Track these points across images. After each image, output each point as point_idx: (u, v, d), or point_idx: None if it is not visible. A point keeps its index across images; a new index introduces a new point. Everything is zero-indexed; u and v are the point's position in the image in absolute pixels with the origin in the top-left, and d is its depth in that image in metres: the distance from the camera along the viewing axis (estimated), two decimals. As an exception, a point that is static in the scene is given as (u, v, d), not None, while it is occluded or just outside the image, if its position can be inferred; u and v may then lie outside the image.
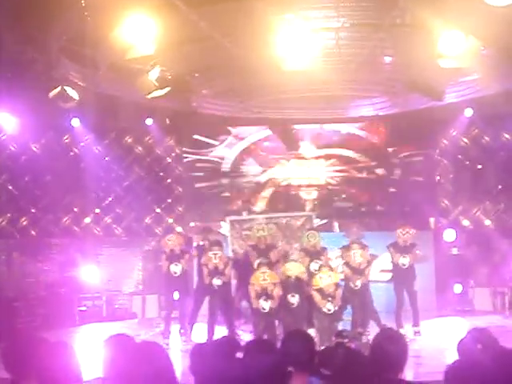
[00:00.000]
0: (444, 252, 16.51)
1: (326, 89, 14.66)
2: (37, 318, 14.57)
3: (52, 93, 12.19)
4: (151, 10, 9.68)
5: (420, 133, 17.05)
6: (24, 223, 17.12)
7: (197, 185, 17.83)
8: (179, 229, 16.92)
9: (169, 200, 18.09)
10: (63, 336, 12.52)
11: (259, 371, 3.90)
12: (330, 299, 11.70)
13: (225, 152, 17.91)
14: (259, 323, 11.85)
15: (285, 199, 17.60)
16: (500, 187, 16.86)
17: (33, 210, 17.17)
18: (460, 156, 17.43)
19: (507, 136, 16.90)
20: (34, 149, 17.11)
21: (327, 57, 12.46)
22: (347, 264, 12.60)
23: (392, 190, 17.53)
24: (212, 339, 11.97)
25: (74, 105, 12.65)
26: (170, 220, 17.90)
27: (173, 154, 18.16)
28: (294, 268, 12.55)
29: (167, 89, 12.12)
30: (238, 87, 14.85)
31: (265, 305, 11.71)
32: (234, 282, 13.68)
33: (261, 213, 16.98)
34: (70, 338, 12.84)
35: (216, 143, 17.88)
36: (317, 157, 17.80)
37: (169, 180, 18.18)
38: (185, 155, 17.88)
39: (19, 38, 11.07)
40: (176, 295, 13.20)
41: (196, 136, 17.86)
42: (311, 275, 12.42)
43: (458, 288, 15.99)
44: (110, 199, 17.73)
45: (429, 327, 13.29)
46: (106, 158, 17.64)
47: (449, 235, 16.52)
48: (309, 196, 17.71)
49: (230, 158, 17.93)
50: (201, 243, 13.83)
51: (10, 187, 17.01)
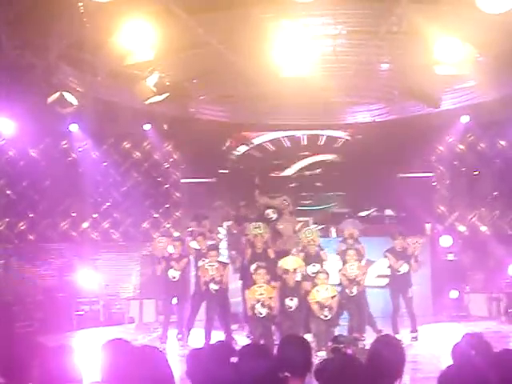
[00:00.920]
0: (440, 258, 16.56)
1: (323, 95, 14.73)
2: (34, 323, 14.59)
3: (51, 98, 12.23)
4: (149, 17, 9.76)
5: (416, 139, 17.09)
6: (22, 228, 17.15)
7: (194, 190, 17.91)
8: (176, 233, 16.94)
9: (166, 205, 18.15)
10: (60, 340, 12.54)
11: (254, 376, 3.93)
12: (327, 309, 11.78)
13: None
14: (256, 329, 11.89)
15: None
16: (496, 194, 16.94)
17: (31, 215, 17.19)
18: (456, 162, 17.50)
19: (503, 143, 16.97)
20: (33, 154, 17.14)
21: (324, 63, 12.55)
22: (344, 275, 12.64)
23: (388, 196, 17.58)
24: (209, 344, 12.01)
25: (73, 110, 12.68)
26: (168, 225, 17.96)
27: (170, 160, 18.22)
28: (291, 262, 12.62)
29: (165, 95, 12.18)
30: (236, 93, 14.93)
31: (261, 310, 11.75)
32: (240, 282, 13.76)
33: (257, 218, 16.99)
34: (68, 343, 12.85)
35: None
36: (312, 163, 17.89)
37: (166, 185, 18.22)
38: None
39: (18, 43, 11.12)
40: (174, 300, 13.24)
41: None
42: (308, 278, 12.53)
43: (454, 294, 16.02)
44: (108, 204, 17.77)
45: (425, 333, 13.33)
46: (104, 164, 17.67)
47: (445, 241, 16.57)
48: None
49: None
50: (197, 247, 13.72)
51: (9, 192, 17.04)
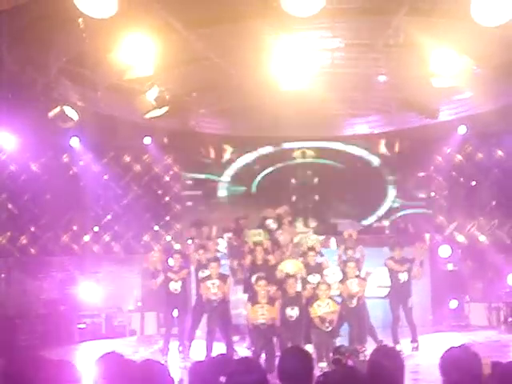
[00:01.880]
0: (439, 268, 16.62)
1: (322, 108, 14.83)
2: (36, 336, 14.62)
3: (51, 113, 12.33)
4: (149, 32, 9.85)
5: (414, 150, 17.20)
6: (23, 241, 17.17)
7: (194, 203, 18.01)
8: (177, 246, 17.01)
9: (167, 218, 18.23)
10: (62, 353, 12.60)
11: None
12: (328, 323, 11.83)
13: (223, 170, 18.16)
14: (257, 340, 11.92)
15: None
16: (494, 203, 16.99)
17: (32, 229, 17.22)
18: (454, 173, 17.58)
19: (500, 153, 17.04)
20: (34, 168, 17.19)
21: (323, 76, 12.64)
22: (344, 291, 12.67)
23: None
24: (210, 356, 12.04)
25: (73, 124, 12.77)
26: (168, 237, 18.03)
27: (171, 173, 18.32)
28: (291, 265, 12.68)
29: (165, 108, 12.27)
30: (235, 106, 15.02)
31: (263, 322, 11.78)
32: (241, 294, 13.81)
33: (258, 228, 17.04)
34: (70, 356, 12.92)
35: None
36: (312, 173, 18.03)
37: (167, 198, 18.31)
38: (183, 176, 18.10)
39: (19, 59, 11.21)
40: (175, 312, 13.29)
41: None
42: (306, 287, 12.65)
43: (454, 303, 16.09)
44: (109, 217, 17.83)
45: (425, 342, 13.38)
46: (105, 177, 17.74)
47: (444, 251, 16.64)
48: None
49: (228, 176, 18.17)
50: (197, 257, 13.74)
51: (10, 206, 17.07)
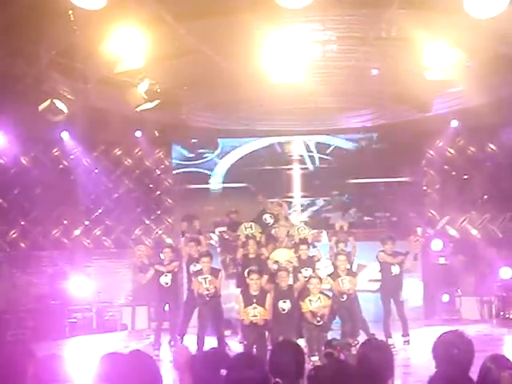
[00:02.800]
0: (431, 262, 16.63)
1: (314, 101, 14.79)
2: (27, 331, 14.57)
3: (41, 106, 12.24)
4: (140, 24, 9.77)
5: (407, 144, 17.18)
6: (13, 236, 17.12)
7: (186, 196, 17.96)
8: (169, 240, 16.97)
9: (158, 212, 18.17)
10: (53, 348, 12.54)
11: None
12: (319, 317, 11.82)
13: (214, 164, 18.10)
14: (249, 334, 11.88)
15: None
16: (486, 197, 17.01)
17: (22, 223, 17.17)
18: (446, 166, 17.58)
19: (492, 147, 17.05)
20: (24, 161, 17.12)
21: (314, 69, 12.59)
22: (335, 288, 12.66)
23: (379, 201, 17.68)
24: (201, 351, 12.00)
25: (64, 118, 12.69)
26: (160, 231, 17.97)
27: (162, 166, 18.25)
28: (282, 254, 12.65)
29: (156, 102, 12.20)
30: (227, 100, 14.96)
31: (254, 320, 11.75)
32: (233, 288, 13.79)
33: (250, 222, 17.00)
34: (60, 350, 12.86)
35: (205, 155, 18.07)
36: (303, 168, 18.01)
37: (158, 192, 18.25)
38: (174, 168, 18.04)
39: (9, 52, 11.13)
40: (166, 306, 13.23)
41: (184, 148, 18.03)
42: (299, 278, 12.66)
43: (446, 297, 16.11)
44: (100, 211, 17.77)
45: (417, 336, 13.38)
46: (96, 171, 17.68)
47: (436, 245, 16.64)
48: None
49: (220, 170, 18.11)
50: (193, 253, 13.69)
51: (0, 200, 17.01)
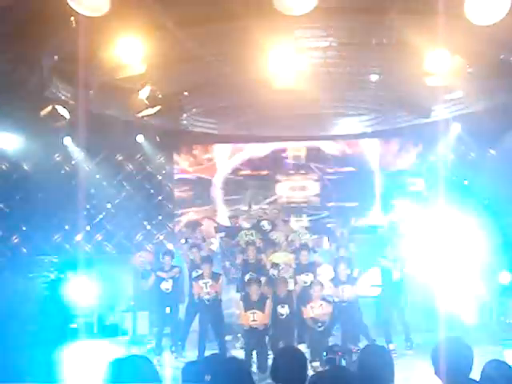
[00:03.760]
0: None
1: (315, 107, 14.81)
2: (28, 335, 14.56)
3: (43, 111, 12.27)
4: (142, 30, 9.81)
5: (407, 149, 17.19)
6: (15, 241, 17.13)
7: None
8: (170, 246, 16.97)
9: (159, 217, 18.18)
10: (54, 354, 12.52)
11: None
12: (320, 325, 11.82)
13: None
14: (250, 339, 11.89)
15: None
16: (486, 202, 16.98)
17: (24, 228, 17.17)
18: (447, 172, 17.57)
19: (493, 152, 17.05)
20: (26, 167, 17.14)
21: (316, 75, 12.61)
22: (336, 295, 12.66)
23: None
24: (203, 356, 12.01)
25: (65, 123, 12.72)
26: (161, 237, 17.98)
27: (163, 172, 18.27)
28: (280, 256, 12.67)
29: (158, 107, 12.23)
30: (228, 105, 14.98)
31: (253, 325, 11.76)
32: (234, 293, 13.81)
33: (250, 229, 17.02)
34: (61, 356, 12.84)
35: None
36: (305, 172, 18.03)
37: (159, 197, 18.26)
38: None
39: (11, 57, 11.15)
40: (167, 311, 13.23)
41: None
42: (297, 281, 12.66)
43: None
44: (101, 216, 17.78)
45: (419, 341, 13.34)
46: (97, 176, 17.69)
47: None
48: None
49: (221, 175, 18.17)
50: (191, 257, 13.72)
51: (1, 205, 17.02)
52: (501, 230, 16.46)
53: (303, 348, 11.82)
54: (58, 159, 17.52)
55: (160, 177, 18.27)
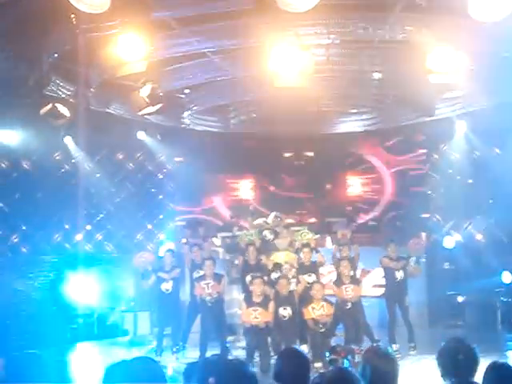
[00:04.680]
0: (436, 266, 16.53)
1: (317, 104, 14.74)
2: (28, 336, 14.48)
3: (43, 110, 12.19)
4: (142, 28, 9.72)
5: (411, 148, 17.13)
6: (15, 240, 17.05)
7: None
8: (171, 245, 16.89)
9: (160, 216, 18.11)
10: (55, 354, 12.46)
11: None
12: (322, 326, 11.74)
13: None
14: (252, 340, 11.81)
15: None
16: (491, 202, 16.91)
17: (24, 227, 17.10)
18: (451, 170, 17.51)
19: (497, 150, 16.97)
20: (25, 166, 17.07)
21: (318, 73, 12.52)
22: (339, 296, 12.57)
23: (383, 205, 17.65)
24: (204, 356, 11.93)
25: (65, 122, 12.64)
26: (162, 236, 17.90)
27: (164, 170, 18.19)
28: (282, 256, 12.59)
29: (158, 105, 12.15)
30: (229, 103, 14.92)
31: (255, 323, 11.69)
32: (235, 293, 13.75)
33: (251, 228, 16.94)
34: (62, 356, 12.79)
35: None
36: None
37: (160, 196, 18.19)
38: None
39: (11, 55, 11.09)
40: (168, 312, 13.13)
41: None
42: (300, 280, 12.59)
43: (451, 302, 16.02)
44: (102, 216, 17.72)
45: (422, 342, 13.26)
46: (98, 175, 17.62)
47: (448, 242, 16.65)
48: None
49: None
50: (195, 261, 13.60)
51: (1, 204, 16.94)
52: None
53: (305, 348, 11.74)
54: (58, 158, 17.44)
55: (161, 175, 18.20)
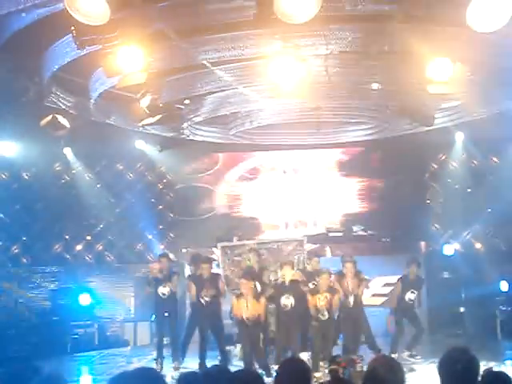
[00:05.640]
0: (435, 275, 16.54)
1: (316, 115, 14.76)
2: (29, 346, 14.49)
3: (43, 121, 12.25)
4: (142, 39, 9.76)
5: (409, 157, 17.17)
6: (15, 251, 17.08)
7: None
8: (171, 255, 16.89)
9: (160, 226, 18.13)
10: (55, 364, 12.47)
11: None
12: (322, 315, 11.74)
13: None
14: (244, 337, 11.81)
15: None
16: (489, 210, 16.94)
17: (24, 238, 17.14)
18: (449, 180, 17.56)
19: (495, 159, 17.02)
20: (26, 177, 17.11)
21: (317, 83, 12.56)
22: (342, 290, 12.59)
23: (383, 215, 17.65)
24: (204, 365, 11.94)
25: (66, 133, 12.70)
26: (162, 247, 17.91)
27: (164, 181, 18.23)
28: (289, 272, 12.64)
29: (158, 116, 12.18)
30: (229, 114, 14.94)
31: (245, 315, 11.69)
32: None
33: (251, 238, 16.97)
34: (62, 366, 12.81)
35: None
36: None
37: (160, 206, 18.23)
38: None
39: (11, 66, 11.14)
40: (164, 317, 13.05)
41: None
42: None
43: (450, 311, 16.03)
44: (102, 226, 17.74)
45: (422, 350, 13.26)
46: (98, 186, 17.66)
47: (448, 250, 16.67)
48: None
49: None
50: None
51: (1, 215, 16.98)
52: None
53: (305, 356, 11.75)
54: (59, 169, 17.49)
55: (161, 186, 18.24)
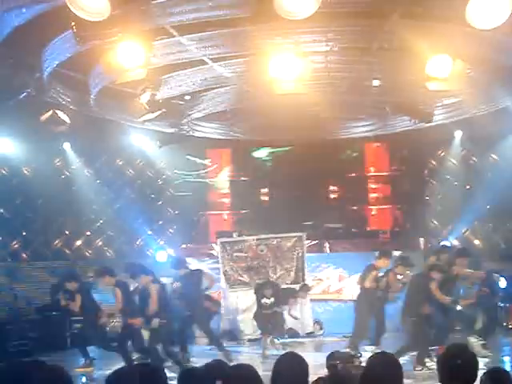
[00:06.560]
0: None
1: (316, 111, 14.77)
2: (28, 342, 14.51)
3: (43, 116, 12.25)
4: (142, 35, 9.77)
5: (409, 154, 17.18)
6: (15, 246, 17.10)
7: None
8: (170, 251, 16.94)
9: (160, 222, 18.14)
10: (54, 359, 12.48)
11: None
12: None
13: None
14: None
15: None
16: (488, 207, 16.96)
17: (24, 233, 17.15)
18: (448, 176, 17.57)
19: (494, 156, 17.04)
20: (26, 172, 17.12)
21: (317, 80, 12.57)
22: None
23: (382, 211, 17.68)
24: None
25: (66, 128, 12.70)
26: (161, 242, 17.93)
27: (164, 176, 18.24)
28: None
29: (158, 112, 12.20)
30: (229, 110, 14.96)
31: None
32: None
33: (251, 234, 16.99)
34: (62, 362, 12.81)
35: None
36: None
37: (160, 202, 18.23)
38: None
39: (11, 62, 11.13)
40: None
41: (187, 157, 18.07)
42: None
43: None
44: (102, 222, 17.76)
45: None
46: (98, 181, 17.67)
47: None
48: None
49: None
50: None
51: (1, 210, 16.99)
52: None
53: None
54: (58, 164, 17.50)
55: (160, 181, 18.25)
